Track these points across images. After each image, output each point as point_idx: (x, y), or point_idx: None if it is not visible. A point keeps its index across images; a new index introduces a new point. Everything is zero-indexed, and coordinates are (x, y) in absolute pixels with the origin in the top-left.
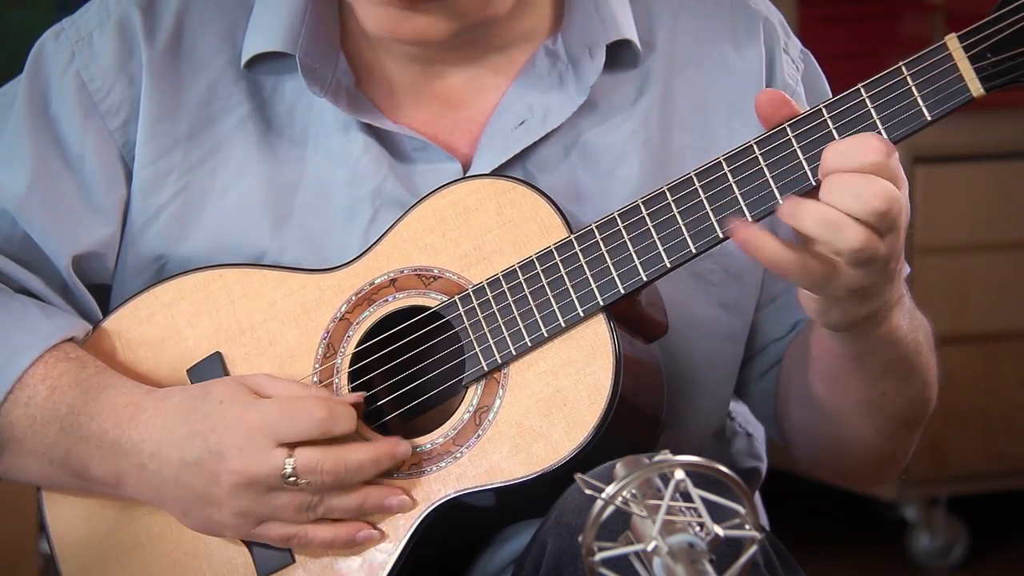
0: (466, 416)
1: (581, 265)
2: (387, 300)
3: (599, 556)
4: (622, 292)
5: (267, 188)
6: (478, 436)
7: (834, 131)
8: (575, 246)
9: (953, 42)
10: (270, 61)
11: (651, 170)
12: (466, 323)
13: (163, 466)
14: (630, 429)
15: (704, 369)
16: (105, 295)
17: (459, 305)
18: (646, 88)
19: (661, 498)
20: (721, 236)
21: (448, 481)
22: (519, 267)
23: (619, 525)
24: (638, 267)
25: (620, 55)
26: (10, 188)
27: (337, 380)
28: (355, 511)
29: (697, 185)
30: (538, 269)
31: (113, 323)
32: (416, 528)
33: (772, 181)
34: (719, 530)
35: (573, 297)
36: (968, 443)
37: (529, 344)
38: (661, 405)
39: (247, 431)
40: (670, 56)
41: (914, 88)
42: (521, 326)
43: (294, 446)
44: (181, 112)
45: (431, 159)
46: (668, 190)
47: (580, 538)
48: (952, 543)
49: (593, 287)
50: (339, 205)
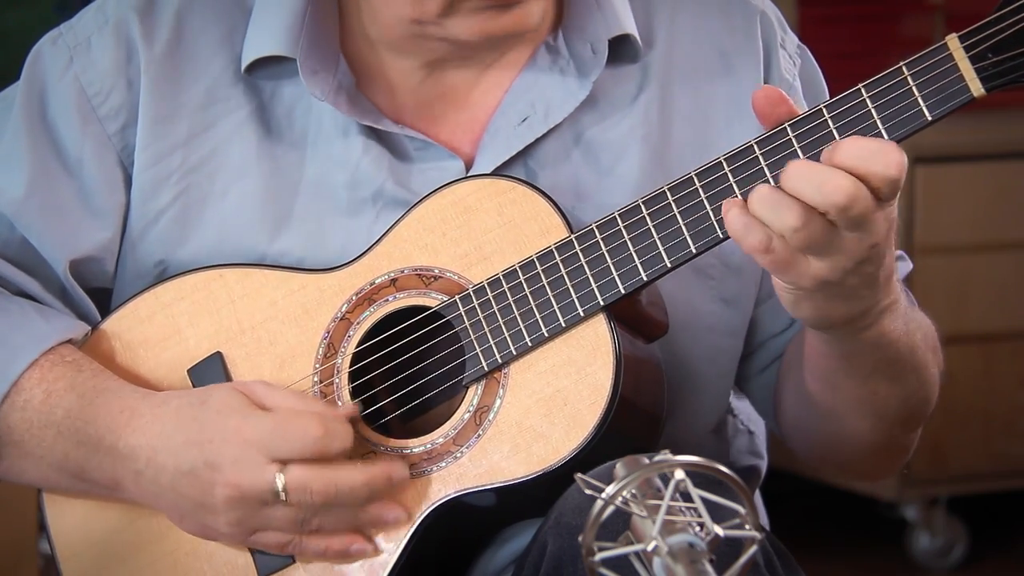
0: (466, 416)
1: (581, 265)
2: (388, 300)
3: (599, 556)
4: (622, 292)
5: (267, 191)
6: (478, 436)
7: (834, 131)
8: (575, 246)
9: (954, 42)
10: (269, 64)
11: (651, 166)
12: (466, 323)
13: (159, 473)
14: (630, 429)
15: (704, 364)
16: (104, 299)
17: (459, 305)
18: (646, 84)
19: (661, 498)
20: (721, 236)
21: (448, 481)
22: (519, 267)
23: (619, 525)
24: (638, 267)
25: (621, 50)
26: (8, 192)
27: (337, 380)
28: (350, 525)
29: (697, 185)
30: (538, 269)
31: (113, 323)
32: (416, 528)
33: (772, 181)
34: (719, 530)
35: (573, 297)
36: (968, 443)
37: (529, 344)
38: (662, 405)
39: (242, 445)
40: (669, 52)
41: (915, 88)
42: (521, 326)
43: (288, 462)
44: (180, 116)
45: (433, 158)
46: (668, 190)
47: (580, 538)
48: (952, 543)
49: (593, 287)
50: (339, 207)
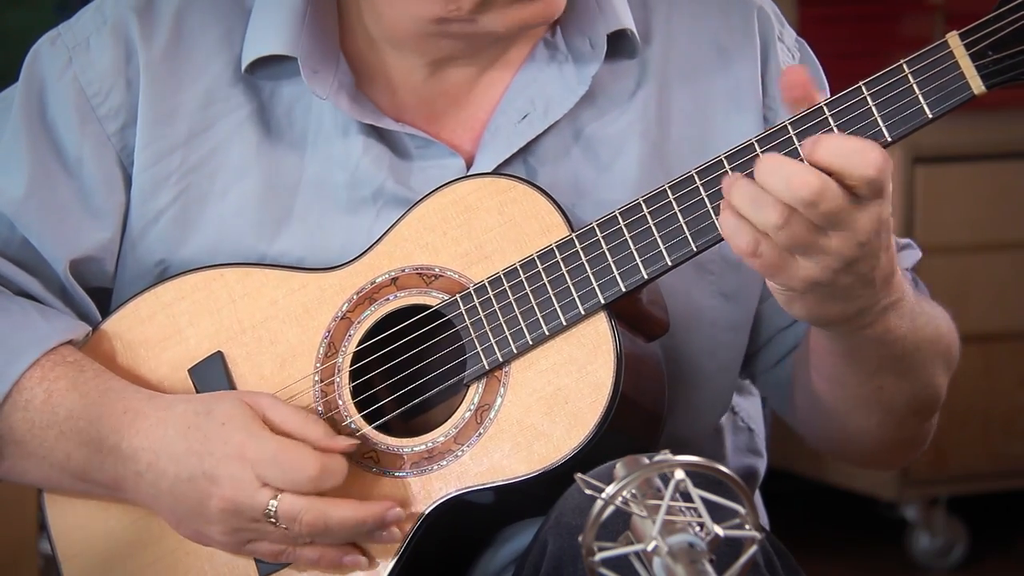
0: (467, 414)
1: (582, 263)
2: (388, 299)
3: (599, 556)
4: (623, 290)
5: (266, 190)
6: (479, 434)
7: (835, 129)
8: (576, 244)
9: (954, 40)
10: (269, 64)
11: (649, 161)
12: (467, 321)
13: (159, 477)
14: (631, 427)
15: (704, 358)
16: (104, 299)
17: (460, 304)
18: (644, 80)
19: (661, 498)
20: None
21: (449, 480)
22: (520, 265)
23: (619, 525)
24: (639, 265)
25: (619, 45)
26: (7, 192)
27: (338, 379)
28: (344, 541)
29: (698, 183)
30: (539, 267)
31: (114, 323)
32: (417, 527)
33: None
34: (719, 530)
35: (574, 295)
36: (968, 443)
37: (530, 342)
38: (662, 403)
39: (241, 463)
40: (666, 47)
41: (915, 86)
42: (522, 324)
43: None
44: (179, 115)
45: (434, 156)
46: (669, 188)
47: (580, 538)
48: (952, 543)
49: (594, 285)
50: (340, 206)
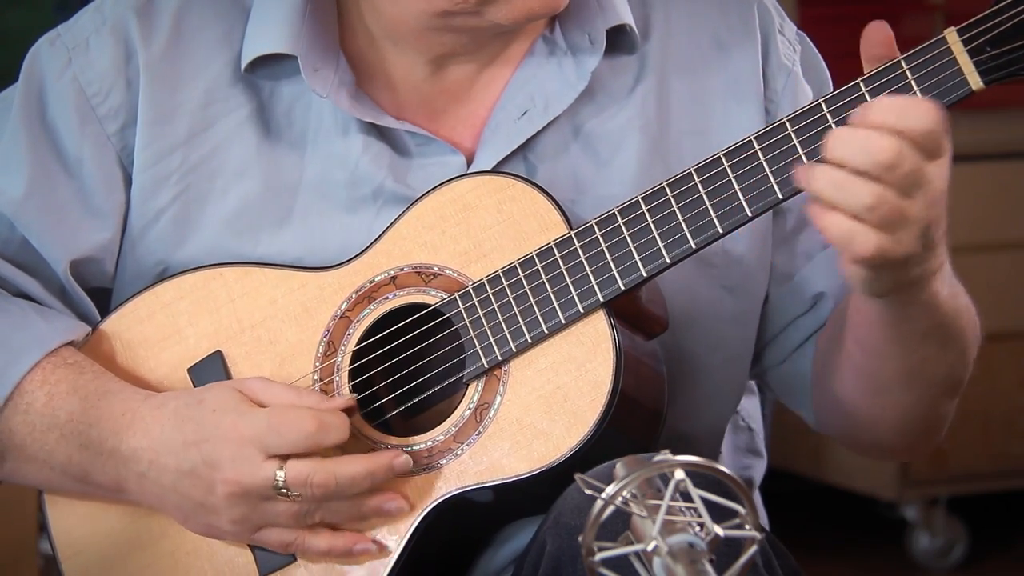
0: (467, 413)
1: (581, 261)
2: (387, 298)
3: (599, 556)
4: (622, 288)
5: (267, 190)
6: (479, 433)
7: (833, 125)
8: (575, 242)
9: (952, 36)
10: (269, 63)
11: (649, 156)
12: (466, 320)
13: (161, 474)
14: (631, 425)
15: (707, 353)
16: (104, 299)
17: (459, 302)
18: (643, 75)
19: (661, 498)
20: (721, 232)
21: (449, 478)
22: (519, 264)
23: (619, 525)
24: (638, 263)
25: (618, 41)
26: (7, 193)
27: (338, 378)
28: (353, 518)
29: (697, 180)
30: (538, 266)
31: (113, 323)
32: (417, 525)
33: (772, 176)
34: (719, 530)
35: (573, 293)
36: (968, 443)
37: (529, 341)
38: (662, 401)
39: (239, 442)
40: (665, 42)
41: (913, 82)
42: (521, 323)
43: (286, 457)
44: (179, 115)
45: (434, 153)
46: (668, 186)
47: (580, 538)
48: (952, 543)
49: (593, 283)
50: (340, 205)
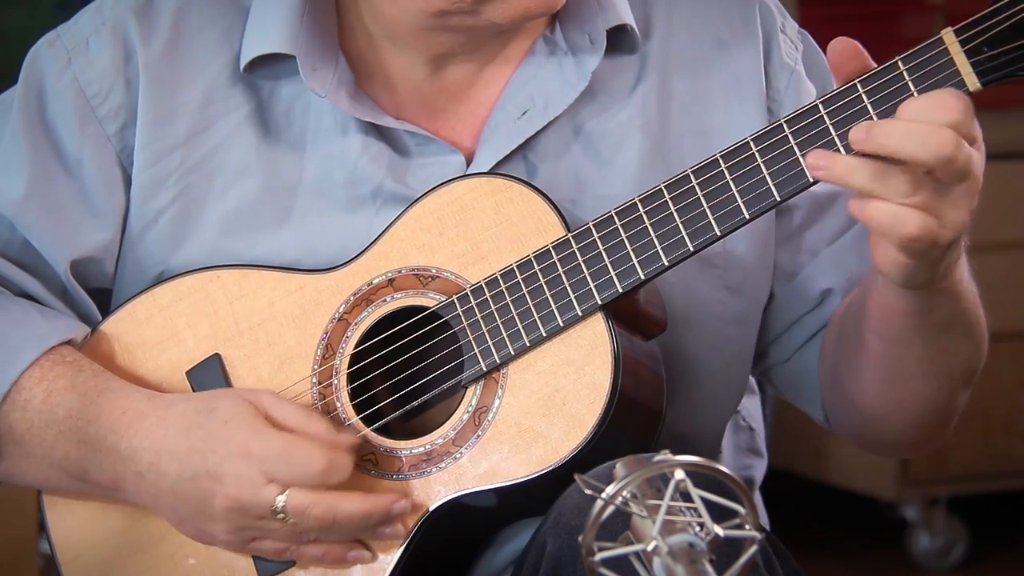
0: (465, 416)
1: (579, 264)
2: (385, 300)
3: (599, 556)
4: (620, 291)
5: (266, 190)
6: (478, 436)
7: (830, 127)
8: (573, 245)
9: (949, 36)
10: (268, 63)
11: (650, 156)
12: (464, 323)
13: (161, 477)
14: (630, 427)
15: (708, 353)
16: (105, 299)
17: (457, 305)
18: (644, 74)
19: (661, 498)
20: (718, 234)
21: (448, 482)
22: (517, 266)
23: (619, 525)
24: (636, 266)
25: (619, 41)
26: (8, 193)
27: (336, 381)
28: (347, 539)
29: (694, 182)
30: (536, 268)
31: (112, 325)
32: (417, 529)
33: (769, 178)
34: (719, 530)
35: (571, 296)
36: (968, 443)
37: (528, 344)
38: (661, 402)
39: (246, 460)
40: (666, 42)
41: (911, 83)
42: (519, 326)
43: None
44: (179, 116)
45: (434, 153)
46: (665, 188)
47: (580, 538)
48: (952, 543)
49: (591, 286)
50: (339, 205)
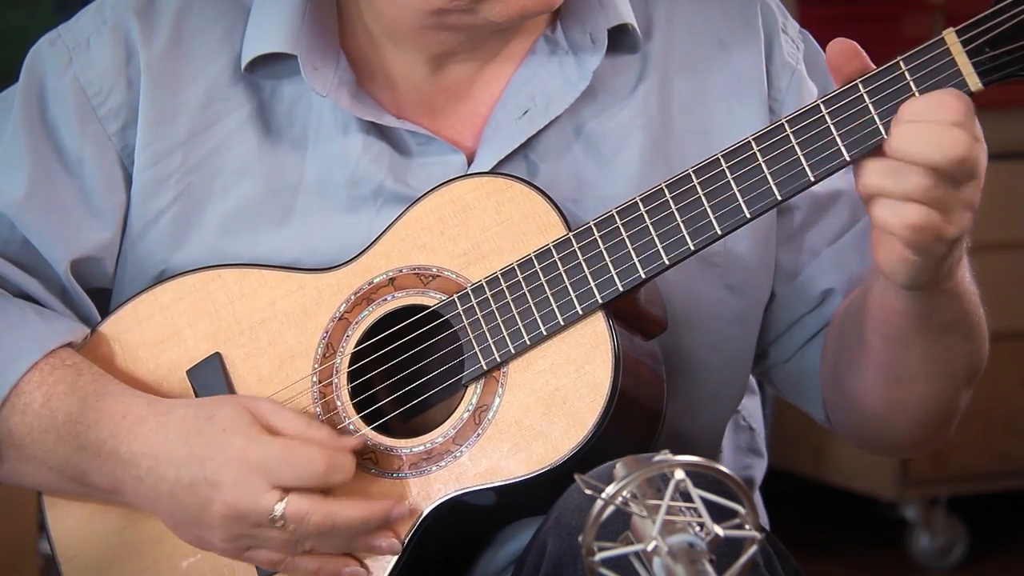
0: (466, 415)
1: (579, 263)
2: (386, 299)
3: (599, 556)
4: (621, 290)
5: (267, 190)
6: (478, 435)
7: (832, 127)
8: (573, 244)
9: (951, 36)
10: (269, 63)
11: (651, 155)
12: (465, 322)
13: (159, 481)
14: (630, 427)
15: (708, 352)
16: (105, 299)
17: (458, 304)
18: (645, 74)
19: (661, 498)
20: (719, 233)
21: (448, 481)
22: (517, 265)
23: (619, 525)
24: (636, 265)
25: (620, 40)
26: (8, 193)
27: (336, 380)
28: (342, 551)
29: (695, 182)
30: (536, 267)
31: (112, 325)
32: (417, 528)
33: (770, 177)
34: (719, 530)
35: (572, 295)
36: (968, 443)
37: (528, 343)
38: (661, 402)
39: (245, 468)
40: (667, 42)
41: (912, 83)
42: (520, 325)
43: (289, 490)
44: (180, 115)
45: (435, 153)
46: (666, 187)
47: (580, 538)
48: (952, 543)
49: (592, 285)
50: (340, 205)
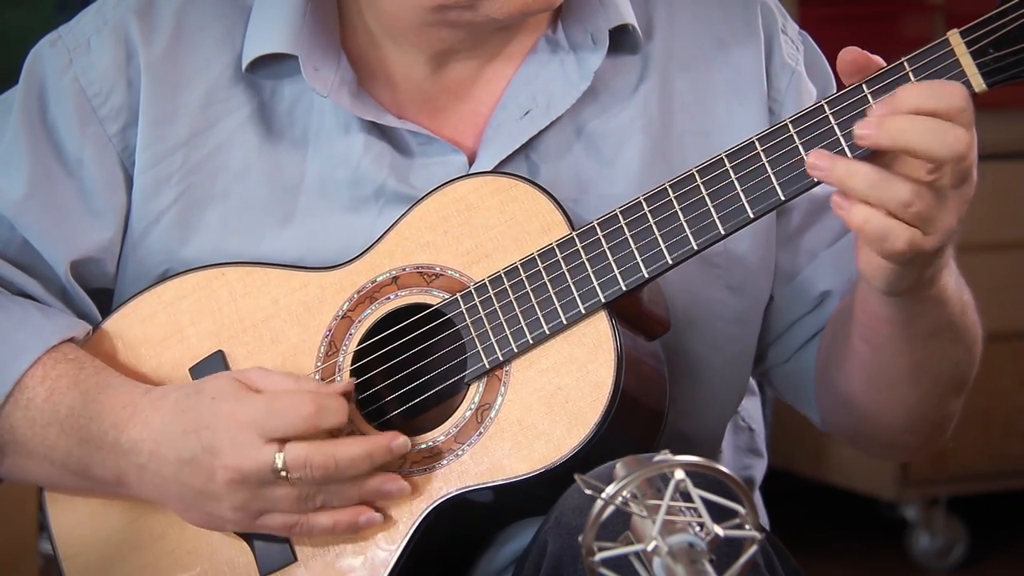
0: (468, 413)
1: (583, 262)
2: (389, 298)
3: (599, 556)
4: (624, 289)
5: (268, 190)
6: (480, 433)
7: (836, 127)
8: (577, 243)
9: (955, 37)
10: (270, 63)
11: (652, 156)
12: (468, 321)
13: (162, 465)
14: (632, 426)
15: (710, 352)
16: (106, 300)
17: (461, 303)
18: (646, 74)
19: (661, 498)
20: (723, 232)
21: (450, 479)
22: (521, 264)
23: (619, 525)
24: (640, 264)
25: (621, 41)
26: (8, 194)
27: (339, 378)
28: (353, 500)
29: (699, 181)
30: (540, 266)
31: (115, 322)
32: (418, 526)
33: (774, 178)
34: (719, 530)
35: (575, 294)
36: (968, 443)
37: (531, 341)
38: (663, 402)
39: (237, 427)
40: (668, 42)
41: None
42: (523, 323)
43: (285, 441)
44: (180, 116)
45: (436, 153)
46: (670, 186)
47: (580, 538)
48: (952, 543)
49: (595, 284)
50: (342, 205)
